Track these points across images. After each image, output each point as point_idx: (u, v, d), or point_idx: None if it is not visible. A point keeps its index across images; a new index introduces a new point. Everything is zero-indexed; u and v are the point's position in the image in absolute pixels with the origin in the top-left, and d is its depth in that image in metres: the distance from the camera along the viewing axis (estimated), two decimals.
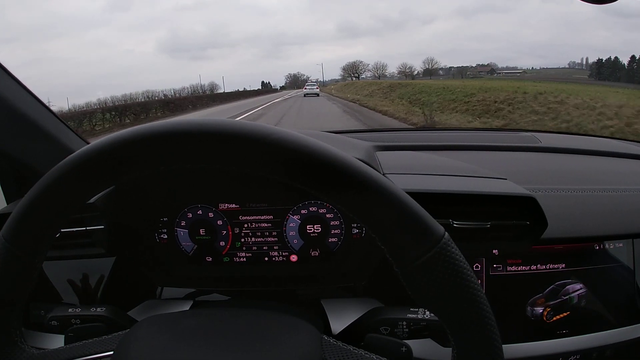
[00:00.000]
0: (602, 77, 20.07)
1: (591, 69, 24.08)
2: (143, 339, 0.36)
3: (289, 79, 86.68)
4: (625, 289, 0.64)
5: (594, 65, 23.99)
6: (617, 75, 19.53)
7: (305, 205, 0.69)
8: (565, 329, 0.62)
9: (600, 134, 4.87)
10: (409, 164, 0.76)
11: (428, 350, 0.56)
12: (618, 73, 19.80)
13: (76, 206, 0.34)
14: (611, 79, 18.16)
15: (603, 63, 22.60)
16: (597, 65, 23.45)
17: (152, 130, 0.30)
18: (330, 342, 0.36)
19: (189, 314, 0.48)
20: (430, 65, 49.10)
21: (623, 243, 0.64)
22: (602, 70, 21.94)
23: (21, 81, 0.69)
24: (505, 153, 0.93)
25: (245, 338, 0.36)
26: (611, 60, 22.01)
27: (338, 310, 0.63)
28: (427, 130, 1.67)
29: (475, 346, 0.30)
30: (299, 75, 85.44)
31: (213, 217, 0.70)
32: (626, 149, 0.97)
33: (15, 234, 0.33)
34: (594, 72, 22.63)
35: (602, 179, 0.78)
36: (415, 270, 0.30)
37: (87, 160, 0.31)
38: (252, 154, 0.30)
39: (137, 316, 0.60)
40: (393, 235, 0.30)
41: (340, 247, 0.70)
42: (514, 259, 0.62)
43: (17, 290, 0.35)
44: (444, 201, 0.59)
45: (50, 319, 0.55)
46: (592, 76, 21.71)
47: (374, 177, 0.29)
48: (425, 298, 0.31)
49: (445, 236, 0.30)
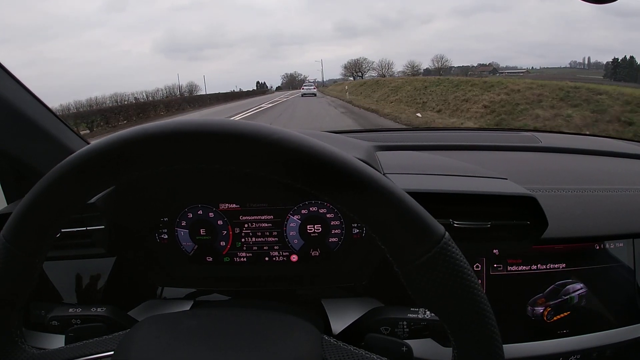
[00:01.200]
0: (618, 78, 19.51)
1: (606, 68, 23.59)
2: (143, 339, 0.36)
3: (285, 79, 79.21)
4: (625, 288, 0.64)
5: (610, 65, 23.46)
6: (635, 75, 18.97)
7: (306, 205, 0.69)
8: (566, 328, 0.62)
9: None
10: (409, 164, 0.76)
11: (428, 350, 0.56)
12: (635, 73, 19.31)
13: (77, 206, 0.34)
14: (628, 80, 17.47)
15: (619, 63, 22.29)
16: (612, 65, 23.02)
17: (153, 130, 0.30)
18: (331, 342, 0.36)
19: (189, 314, 0.48)
20: (440, 63, 45.27)
21: (623, 243, 0.64)
22: (618, 71, 21.62)
23: (21, 81, 0.69)
24: (506, 153, 0.93)
25: (245, 338, 0.36)
26: (627, 59, 21.71)
27: (338, 310, 0.63)
28: (428, 130, 1.67)
29: (475, 346, 0.30)
30: (296, 75, 78.27)
31: (213, 217, 0.70)
32: (627, 149, 0.97)
33: (15, 233, 0.33)
34: (609, 72, 22.20)
35: (603, 178, 0.78)
36: (415, 270, 0.30)
37: (87, 160, 0.31)
38: (252, 154, 0.30)
39: (137, 316, 0.60)
40: (393, 235, 0.30)
41: (340, 247, 0.70)
42: (515, 259, 0.62)
43: (18, 290, 0.35)
44: (445, 201, 0.59)
45: (51, 319, 0.55)
46: (607, 76, 21.20)
47: (373, 177, 0.29)
48: (426, 298, 0.31)
49: (445, 236, 0.30)
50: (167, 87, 37.95)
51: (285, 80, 78.99)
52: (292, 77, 77.70)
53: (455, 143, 0.95)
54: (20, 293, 0.35)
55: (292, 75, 78.39)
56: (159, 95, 32.25)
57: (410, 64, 46.95)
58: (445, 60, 44.95)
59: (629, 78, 18.44)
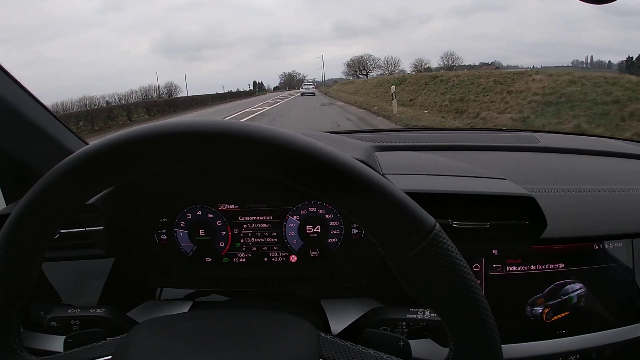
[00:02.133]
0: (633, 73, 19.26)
1: (620, 67, 23.26)
2: (141, 343, 0.36)
3: (283, 79, 77.14)
4: (624, 288, 0.64)
5: (623, 63, 23.01)
6: None
7: (305, 205, 0.69)
8: (565, 328, 0.62)
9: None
10: (408, 164, 0.76)
11: (428, 351, 0.56)
12: None
13: (74, 208, 0.33)
14: None
15: (634, 62, 21.94)
16: (627, 63, 22.61)
17: (153, 131, 0.30)
18: (328, 339, 0.36)
19: (186, 316, 0.48)
20: (450, 60, 42.81)
21: (622, 243, 0.64)
22: (633, 71, 21.30)
23: (20, 82, 0.69)
24: (505, 153, 0.93)
25: (242, 338, 0.36)
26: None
27: (338, 311, 0.63)
28: (426, 131, 1.67)
29: (473, 344, 0.30)
30: (294, 75, 76.53)
31: (212, 217, 0.70)
32: (625, 149, 0.97)
33: (9, 240, 0.33)
34: (622, 70, 21.92)
35: (602, 178, 0.78)
36: (407, 263, 0.30)
37: (85, 161, 0.31)
38: (251, 155, 0.30)
39: (136, 317, 0.60)
40: (383, 228, 0.30)
41: (339, 247, 0.70)
42: (514, 259, 0.62)
43: (15, 296, 0.34)
44: (443, 201, 0.59)
45: (50, 320, 0.55)
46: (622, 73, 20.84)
47: (362, 171, 0.29)
48: (419, 290, 0.31)
49: (436, 227, 0.30)
50: (142, 89, 32.58)
51: (283, 80, 77.19)
52: (290, 76, 76.23)
53: (453, 143, 0.95)
54: (17, 299, 0.35)
55: (290, 75, 76.96)
56: (133, 98, 27.64)
57: (418, 61, 44.46)
58: (456, 57, 42.28)
59: None
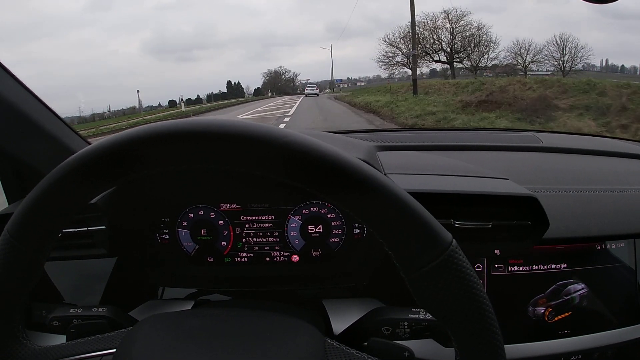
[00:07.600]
0: None
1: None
2: (145, 338, 0.36)
3: (267, 77, 50.98)
4: (627, 289, 0.64)
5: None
6: None
7: (307, 205, 0.69)
8: (567, 329, 0.62)
9: None
10: (410, 164, 0.76)
11: (429, 351, 0.56)
12: None
13: (79, 205, 0.34)
14: None
15: None
16: None
17: (157, 131, 0.30)
18: (333, 345, 0.36)
19: (192, 313, 0.48)
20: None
21: (624, 243, 0.64)
22: None
23: (22, 81, 0.69)
24: (507, 153, 0.93)
25: (248, 339, 0.36)
26: None
27: (339, 311, 0.63)
28: (429, 130, 1.66)
29: (477, 351, 0.30)
30: (282, 72, 50.74)
31: (214, 217, 0.70)
32: (628, 149, 0.97)
33: (20, 229, 0.33)
34: None
35: (604, 178, 0.78)
36: (422, 278, 0.30)
37: (90, 160, 0.31)
38: (262, 156, 0.29)
39: (138, 317, 0.60)
40: (401, 241, 0.30)
41: (341, 247, 0.70)
42: (516, 259, 0.62)
43: (21, 284, 0.35)
44: (446, 201, 0.59)
45: (52, 319, 0.55)
46: None
47: (383, 183, 0.29)
48: (431, 305, 0.31)
49: (452, 243, 0.30)
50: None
51: (266, 80, 51.10)
52: (276, 74, 50.87)
53: (456, 143, 0.95)
54: (23, 287, 0.35)
55: (276, 72, 51.17)
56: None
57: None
58: None
59: None
